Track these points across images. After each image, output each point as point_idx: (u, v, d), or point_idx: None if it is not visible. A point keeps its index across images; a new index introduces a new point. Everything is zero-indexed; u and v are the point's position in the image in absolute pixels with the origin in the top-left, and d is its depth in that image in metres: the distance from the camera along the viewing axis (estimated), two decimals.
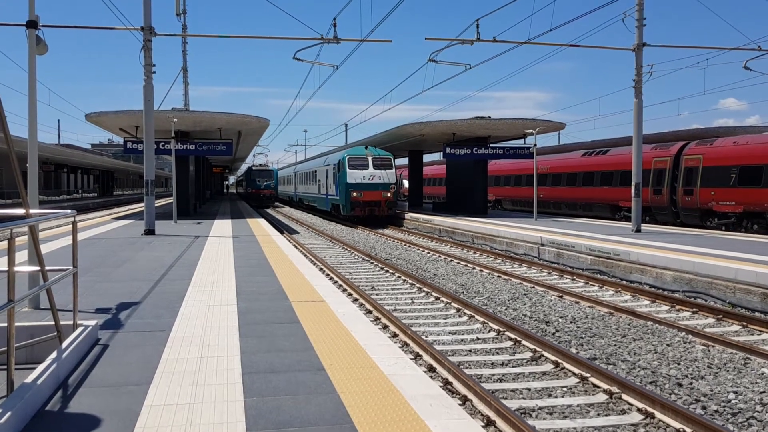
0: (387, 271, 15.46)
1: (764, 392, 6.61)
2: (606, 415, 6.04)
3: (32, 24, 8.63)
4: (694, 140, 24.11)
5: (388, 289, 13.03)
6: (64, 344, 5.21)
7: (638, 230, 18.94)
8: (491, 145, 29.60)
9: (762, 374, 7.21)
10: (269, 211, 49.80)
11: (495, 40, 19.36)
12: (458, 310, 10.75)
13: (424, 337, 8.73)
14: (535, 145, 25.26)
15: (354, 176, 30.06)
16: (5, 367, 4.21)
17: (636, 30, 18.88)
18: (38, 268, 5.37)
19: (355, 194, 29.85)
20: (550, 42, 47.79)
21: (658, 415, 5.85)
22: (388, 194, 30.27)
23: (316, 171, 39.87)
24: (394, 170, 31.04)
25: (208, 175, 53.24)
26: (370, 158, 30.72)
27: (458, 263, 16.93)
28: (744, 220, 20.83)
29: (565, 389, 6.75)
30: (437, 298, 11.79)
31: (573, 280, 14.17)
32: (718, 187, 21.59)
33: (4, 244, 7.99)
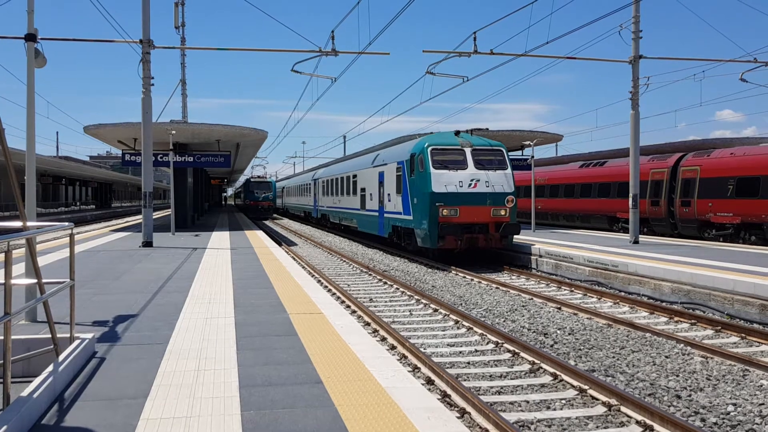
0: (385, 283, 15.43)
1: (763, 404, 6.59)
2: (605, 428, 6.01)
3: (31, 37, 8.67)
4: (691, 152, 24.19)
5: (386, 301, 13.01)
6: (61, 357, 5.19)
7: (636, 241, 18.95)
8: None
9: (761, 386, 7.19)
10: (267, 223, 49.79)
11: (492, 53, 19.46)
12: (456, 321, 10.73)
13: (422, 349, 8.71)
14: (532, 156, 25.31)
15: (443, 180, 18.64)
16: (1, 380, 4.19)
17: (632, 42, 19.00)
18: (35, 280, 5.36)
19: (445, 212, 18.28)
20: (547, 54, 48.25)
21: (657, 427, 5.83)
22: (503, 212, 18.80)
23: (356, 175, 28.02)
24: (510, 170, 19.75)
25: (206, 187, 53.26)
26: (468, 150, 19.40)
27: (456, 274, 16.91)
28: (742, 232, 20.85)
29: (563, 401, 6.73)
30: (435, 310, 11.77)
31: (571, 291, 14.15)
32: (715, 198, 21.64)
33: (1, 256, 7.98)
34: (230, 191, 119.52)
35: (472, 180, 18.85)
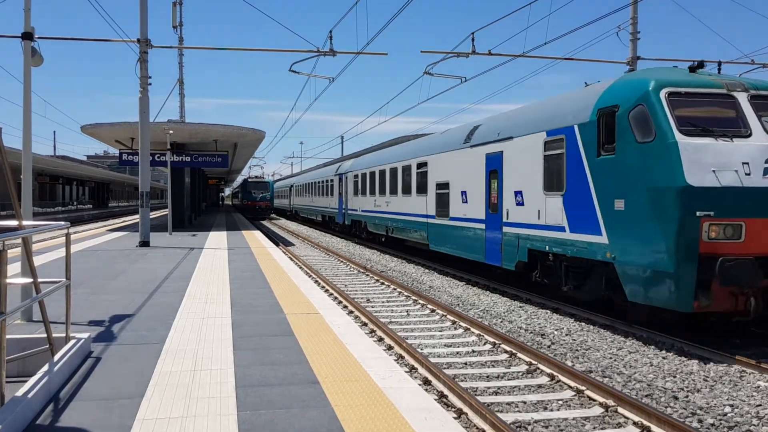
0: (383, 284, 15.42)
1: (760, 405, 6.59)
2: (602, 429, 6.01)
3: (28, 36, 8.63)
4: None
5: (383, 302, 12.99)
6: (56, 357, 5.16)
7: None
8: None
9: (758, 387, 7.19)
10: (265, 223, 49.77)
11: (490, 53, 19.46)
12: (454, 322, 10.72)
13: (419, 350, 8.70)
14: None
15: (705, 161, 8.39)
16: None
17: (630, 43, 19.02)
18: (31, 280, 5.34)
19: (714, 230, 8.29)
20: (546, 55, 48.16)
21: (654, 428, 5.82)
22: None
23: (424, 164, 18.82)
24: None
25: (203, 186, 53.19)
26: (742, 97, 9.04)
27: (454, 276, 16.90)
28: None
29: (560, 402, 6.72)
30: (433, 311, 11.76)
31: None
32: None
33: None
34: (228, 191, 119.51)
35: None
